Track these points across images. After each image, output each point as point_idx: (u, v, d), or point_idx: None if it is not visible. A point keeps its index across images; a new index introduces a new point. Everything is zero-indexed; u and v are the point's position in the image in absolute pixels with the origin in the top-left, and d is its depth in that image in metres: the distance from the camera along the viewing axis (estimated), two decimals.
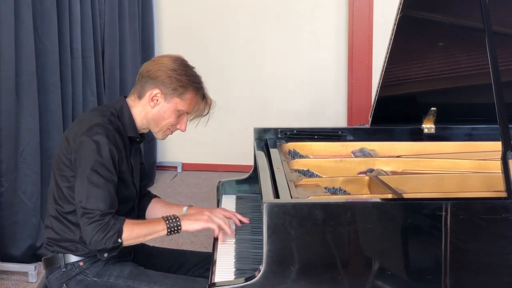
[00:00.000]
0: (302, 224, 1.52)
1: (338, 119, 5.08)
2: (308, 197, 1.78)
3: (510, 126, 1.66)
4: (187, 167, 5.44)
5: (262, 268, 1.52)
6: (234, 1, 5.17)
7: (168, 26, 5.28)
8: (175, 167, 5.44)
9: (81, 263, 1.94)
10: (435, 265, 1.55)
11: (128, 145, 2.00)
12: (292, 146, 2.39)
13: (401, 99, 2.49)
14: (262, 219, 1.52)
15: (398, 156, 2.31)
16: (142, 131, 2.05)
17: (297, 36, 5.11)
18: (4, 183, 3.09)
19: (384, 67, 2.29)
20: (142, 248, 2.12)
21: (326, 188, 1.94)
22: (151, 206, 2.18)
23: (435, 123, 2.45)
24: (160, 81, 1.94)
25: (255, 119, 4.75)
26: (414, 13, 2.13)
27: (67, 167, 1.90)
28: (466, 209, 1.55)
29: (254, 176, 2.35)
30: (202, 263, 2.14)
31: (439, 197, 1.82)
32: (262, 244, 1.52)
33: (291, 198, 1.69)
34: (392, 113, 2.48)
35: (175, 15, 5.26)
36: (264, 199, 1.61)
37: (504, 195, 1.59)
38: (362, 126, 2.56)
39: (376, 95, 2.40)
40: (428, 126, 2.46)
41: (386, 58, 2.25)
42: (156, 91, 1.95)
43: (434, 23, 2.22)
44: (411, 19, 2.14)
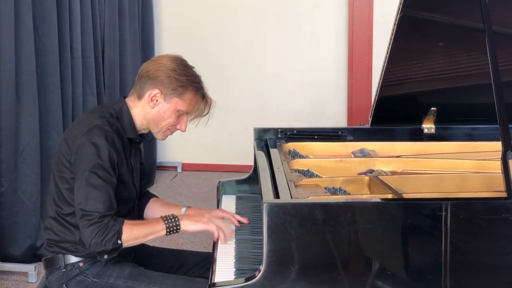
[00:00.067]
0: (302, 224, 1.52)
1: (338, 119, 5.08)
2: (308, 197, 1.78)
3: (510, 126, 1.66)
4: (187, 167, 5.44)
5: (262, 268, 1.52)
6: (234, 1, 5.16)
7: (168, 26, 5.28)
8: (175, 167, 5.44)
9: (81, 264, 1.94)
10: (435, 265, 1.55)
11: (128, 146, 1.99)
12: (292, 146, 2.39)
13: (401, 99, 2.49)
14: (262, 219, 1.52)
15: (398, 156, 2.30)
16: (141, 131, 2.04)
17: (297, 36, 5.11)
18: (4, 183, 3.08)
19: (384, 67, 2.29)
20: (142, 249, 2.12)
21: (326, 188, 1.94)
22: (150, 206, 2.18)
23: (435, 123, 2.45)
24: (160, 81, 1.94)
25: (255, 119, 4.75)
26: (414, 13, 2.13)
27: (66, 169, 1.89)
28: (466, 209, 1.55)
29: (254, 176, 2.35)
30: (202, 263, 2.14)
31: (439, 197, 1.82)
32: (262, 244, 1.52)
33: (291, 198, 1.69)
34: (392, 113, 2.48)
35: (175, 15, 5.26)
36: (264, 199, 1.61)
37: (504, 195, 1.59)
38: (362, 126, 2.56)
39: (376, 95, 2.40)
40: (428, 126, 2.46)
41: (386, 58, 2.25)
42: (155, 91, 1.94)
43: (434, 23, 2.22)
44: (411, 19, 2.14)
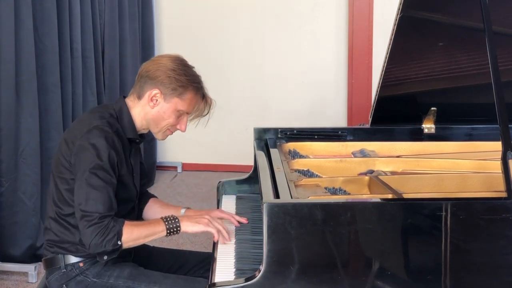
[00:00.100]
0: (302, 224, 1.52)
1: (338, 119, 5.08)
2: (308, 197, 1.78)
3: (510, 126, 1.66)
4: (187, 167, 5.44)
5: (262, 268, 1.52)
6: (234, 1, 5.16)
7: (168, 26, 5.28)
8: (175, 167, 5.43)
9: (81, 264, 1.94)
10: (435, 265, 1.55)
11: (128, 146, 1.99)
12: (292, 146, 2.39)
13: (401, 99, 2.49)
14: (262, 219, 1.52)
15: (398, 156, 2.30)
16: (141, 131, 2.04)
17: (297, 36, 5.11)
18: (4, 183, 3.09)
19: (384, 67, 2.29)
20: (142, 249, 2.11)
21: (326, 188, 1.94)
22: (149, 206, 2.17)
23: (435, 123, 2.45)
24: (160, 81, 1.93)
25: (255, 119, 4.75)
26: (414, 13, 2.13)
27: (66, 170, 1.89)
28: (466, 209, 1.55)
29: (254, 176, 2.35)
30: (202, 263, 2.14)
31: (439, 197, 1.82)
32: (262, 244, 1.52)
33: (291, 198, 1.69)
34: (392, 113, 2.48)
35: (175, 15, 5.26)
36: (264, 199, 1.61)
37: (504, 195, 1.59)
38: (362, 126, 2.56)
39: (376, 95, 2.40)
40: (428, 126, 2.45)
41: (386, 58, 2.25)
42: (155, 91, 1.94)
43: (434, 23, 2.22)
44: (411, 19, 2.14)
